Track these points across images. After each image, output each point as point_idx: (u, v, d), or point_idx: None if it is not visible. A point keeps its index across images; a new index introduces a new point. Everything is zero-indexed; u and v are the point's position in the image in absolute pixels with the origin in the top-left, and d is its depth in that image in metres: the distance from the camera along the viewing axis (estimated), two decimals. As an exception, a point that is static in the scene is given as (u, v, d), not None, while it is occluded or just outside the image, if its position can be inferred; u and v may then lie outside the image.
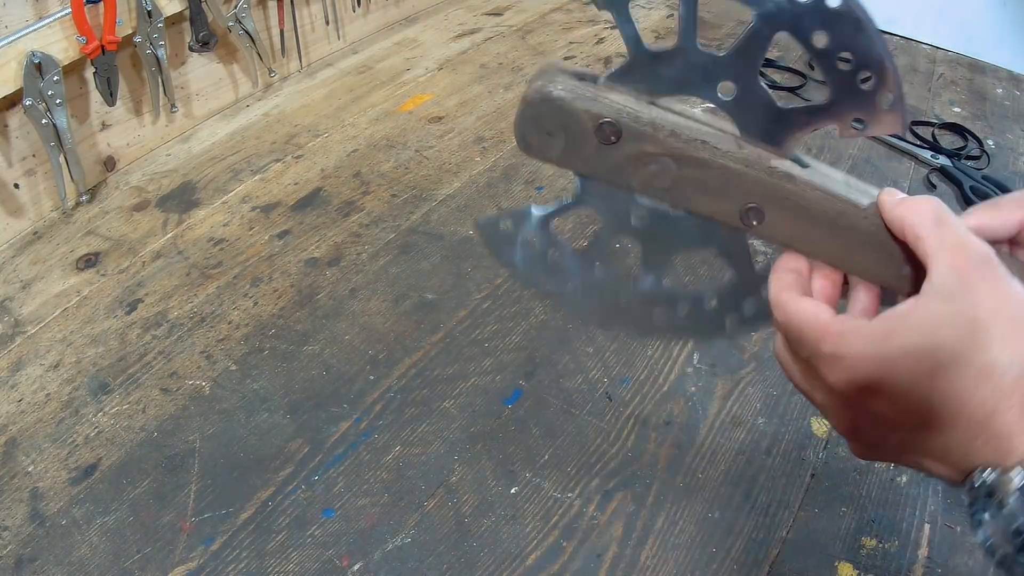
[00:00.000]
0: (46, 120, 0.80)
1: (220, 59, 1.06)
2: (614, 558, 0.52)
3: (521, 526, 0.54)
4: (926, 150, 0.97)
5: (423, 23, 1.40)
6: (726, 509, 0.55)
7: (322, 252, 0.82)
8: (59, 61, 0.80)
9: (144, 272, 0.80)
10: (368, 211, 0.89)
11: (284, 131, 1.05)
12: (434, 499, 0.56)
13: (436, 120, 1.07)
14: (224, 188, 0.93)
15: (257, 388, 0.66)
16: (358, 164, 0.97)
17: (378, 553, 0.53)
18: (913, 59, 1.28)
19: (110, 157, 0.95)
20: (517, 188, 0.92)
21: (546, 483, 0.57)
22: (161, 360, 0.69)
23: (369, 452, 0.60)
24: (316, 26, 1.21)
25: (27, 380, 0.67)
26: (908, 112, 1.09)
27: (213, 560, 0.52)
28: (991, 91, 1.18)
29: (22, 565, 0.52)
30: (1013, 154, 1.01)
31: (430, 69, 1.22)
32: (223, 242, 0.84)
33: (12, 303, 0.76)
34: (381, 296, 0.76)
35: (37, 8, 0.79)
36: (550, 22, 1.41)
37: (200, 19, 0.97)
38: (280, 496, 0.57)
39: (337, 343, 0.70)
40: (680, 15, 0.36)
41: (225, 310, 0.74)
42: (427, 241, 0.84)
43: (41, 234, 0.86)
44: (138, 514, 0.55)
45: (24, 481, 0.58)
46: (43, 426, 0.63)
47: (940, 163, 0.93)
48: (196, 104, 1.05)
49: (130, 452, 0.60)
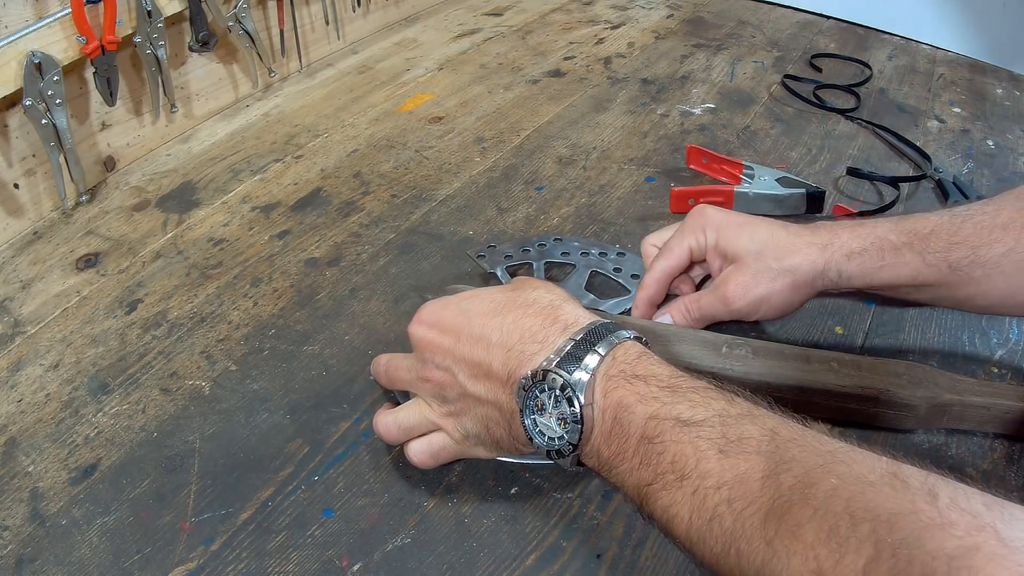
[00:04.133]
0: (46, 120, 0.80)
1: (220, 59, 1.06)
2: (614, 558, 0.52)
3: (521, 526, 0.54)
4: (928, 160, 0.96)
5: (423, 23, 1.40)
6: (726, 509, 0.55)
7: (322, 252, 0.82)
8: (59, 61, 0.80)
9: (144, 272, 0.80)
10: (368, 211, 0.89)
11: (284, 131, 1.05)
12: (434, 499, 0.56)
13: (436, 120, 1.07)
14: (224, 188, 0.93)
15: (257, 388, 0.66)
16: (358, 164, 0.97)
17: (378, 553, 0.53)
18: (913, 59, 1.28)
19: (110, 157, 0.95)
20: (517, 188, 0.92)
21: (546, 483, 0.57)
22: (161, 360, 0.69)
23: (369, 452, 0.60)
24: (316, 26, 1.21)
25: (27, 380, 0.67)
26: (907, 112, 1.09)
27: (213, 560, 0.52)
28: (991, 91, 1.19)
29: (22, 565, 0.52)
30: (1013, 154, 1.01)
31: (430, 69, 1.22)
32: (223, 242, 0.84)
33: (12, 303, 0.76)
34: (381, 296, 0.76)
35: (37, 8, 0.79)
36: (550, 22, 1.41)
37: (200, 19, 0.97)
38: (280, 496, 0.57)
39: (337, 343, 0.70)
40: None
41: (225, 310, 0.75)
42: (427, 241, 0.84)
43: (41, 234, 0.86)
44: (138, 514, 0.55)
45: (24, 481, 0.58)
46: (43, 426, 0.63)
47: (940, 175, 0.93)
48: (196, 104, 1.05)
49: (130, 452, 0.60)
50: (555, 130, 1.05)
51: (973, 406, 0.58)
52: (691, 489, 0.39)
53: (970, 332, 0.71)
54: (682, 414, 0.41)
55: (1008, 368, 0.67)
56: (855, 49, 1.31)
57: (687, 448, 0.40)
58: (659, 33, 1.36)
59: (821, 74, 1.21)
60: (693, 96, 1.14)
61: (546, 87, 1.17)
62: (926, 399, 0.58)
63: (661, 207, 0.89)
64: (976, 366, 0.67)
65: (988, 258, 0.57)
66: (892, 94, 1.16)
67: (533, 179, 0.94)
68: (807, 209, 0.86)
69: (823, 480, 0.34)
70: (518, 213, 0.88)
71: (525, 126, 1.05)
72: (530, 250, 0.77)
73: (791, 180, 0.87)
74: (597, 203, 0.89)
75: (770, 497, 0.35)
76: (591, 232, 0.84)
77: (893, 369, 0.59)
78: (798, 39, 1.34)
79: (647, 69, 1.22)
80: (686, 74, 1.21)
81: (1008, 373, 0.66)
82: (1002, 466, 0.58)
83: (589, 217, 0.87)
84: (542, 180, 0.94)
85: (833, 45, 1.32)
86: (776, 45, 1.32)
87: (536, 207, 0.89)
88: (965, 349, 0.69)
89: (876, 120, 1.06)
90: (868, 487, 0.33)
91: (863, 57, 1.26)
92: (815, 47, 1.31)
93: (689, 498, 0.39)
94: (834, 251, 0.60)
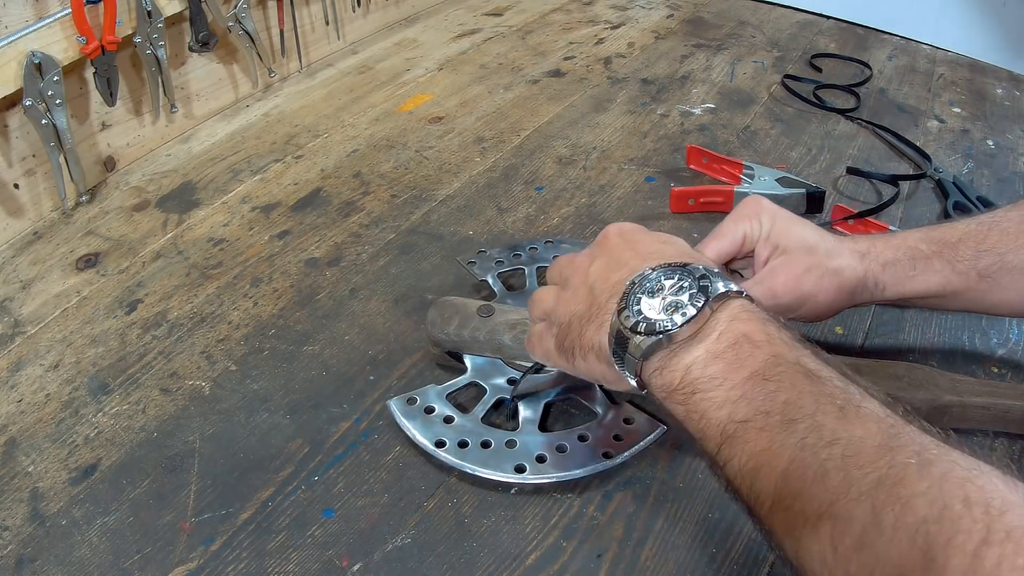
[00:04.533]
0: (46, 120, 0.80)
1: (220, 59, 1.06)
2: (614, 558, 0.52)
3: (521, 526, 0.54)
4: (928, 161, 0.96)
5: (423, 23, 1.40)
6: (726, 509, 0.55)
7: (322, 252, 0.82)
8: (59, 61, 0.80)
9: (144, 272, 0.80)
10: (368, 211, 0.89)
11: (284, 131, 1.05)
12: (434, 499, 0.56)
13: (436, 120, 1.07)
14: (224, 188, 0.93)
15: (257, 388, 0.66)
16: (358, 164, 0.97)
17: (378, 553, 0.53)
18: (913, 59, 1.28)
19: (110, 157, 0.95)
20: (517, 188, 0.92)
21: (546, 483, 0.57)
22: (161, 360, 0.69)
23: (369, 452, 0.60)
24: (316, 26, 1.21)
25: (27, 380, 0.67)
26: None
27: (213, 560, 0.52)
28: (991, 91, 1.18)
29: (22, 565, 0.52)
30: (1013, 154, 1.01)
31: (430, 69, 1.22)
32: (223, 242, 0.84)
33: (12, 303, 0.76)
34: (381, 296, 0.76)
35: (37, 8, 0.79)
36: (550, 22, 1.41)
37: (200, 19, 0.97)
38: (280, 496, 0.57)
39: (337, 343, 0.70)
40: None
41: (225, 310, 0.74)
42: (427, 241, 0.84)
43: (41, 234, 0.86)
44: (138, 514, 0.55)
45: (24, 481, 0.58)
46: (43, 426, 0.63)
47: (940, 175, 0.93)
48: (196, 104, 1.05)
49: (130, 452, 0.60)
50: (555, 130, 1.05)
51: (973, 406, 0.58)
52: (798, 436, 0.37)
53: (970, 332, 0.71)
54: (808, 364, 0.40)
55: (1008, 367, 0.67)
56: (855, 49, 1.31)
57: (806, 397, 0.38)
58: (659, 33, 1.36)
59: (821, 74, 1.21)
60: (693, 96, 1.14)
61: (546, 87, 1.17)
62: (927, 401, 0.58)
63: (661, 207, 0.89)
64: (976, 366, 0.67)
65: (1015, 264, 0.57)
66: (892, 94, 1.16)
67: (533, 179, 0.94)
68: (807, 209, 0.86)
69: (938, 460, 0.33)
70: (518, 213, 0.88)
71: (525, 126, 1.05)
72: (521, 255, 0.77)
73: (791, 180, 0.87)
74: (597, 203, 0.89)
75: (886, 464, 0.34)
76: (591, 232, 0.84)
77: (893, 372, 0.59)
78: (798, 39, 1.34)
79: (647, 69, 1.22)
80: (686, 74, 1.21)
81: (1008, 373, 0.66)
82: (1003, 465, 0.58)
83: (589, 217, 0.87)
84: (542, 180, 0.94)
85: (833, 45, 1.32)
86: (776, 45, 1.32)
87: (536, 207, 0.89)
88: (965, 349, 0.69)
89: (876, 120, 1.06)
90: (981, 474, 0.32)
91: (863, 57, 1.26)
92: (815, 47, 1.31)
93: (792, 445, 0.37)
94: (871, 261, 0.59)
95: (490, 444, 0.58)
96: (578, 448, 0.58)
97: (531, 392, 0.62)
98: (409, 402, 0.61)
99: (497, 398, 0.62)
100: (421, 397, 0.62)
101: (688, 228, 0.85)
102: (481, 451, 0.58)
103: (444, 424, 0.60)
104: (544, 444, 0.58)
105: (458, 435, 0.59)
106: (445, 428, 0.59)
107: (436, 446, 0.58)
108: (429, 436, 0.59)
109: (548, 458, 0.57)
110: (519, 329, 0.63)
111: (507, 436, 0.59)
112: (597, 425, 0.59)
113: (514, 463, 0.57)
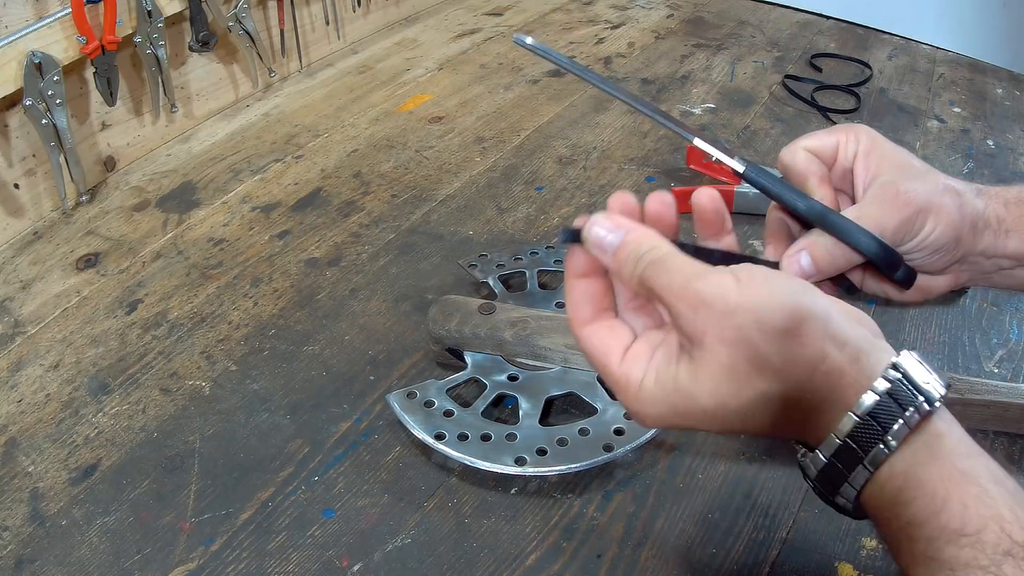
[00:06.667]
0: (46, 120, 0.80)
1: (220, 59, 1.06)
2: (614, 558, 0.52)
3: (521, 526, 0.54)
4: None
5: (423, 23, 1.40)
6: (726, 509, 0.55)
7: (322, 252, 0.82)
8: (59, 61, 0.80)
9: (144, 272, 0.80)
10: (368, 211, 0.89)
11: (284, 131, 1.05)
12: (434, 499, 0.56)
13: (436, 120, 1.07)
14: (224, 188, 0.93)
15: (257, 388, 0.66)
16: (358, 164, 0.97)
17: (378, 553, 0.53)
18: (913, 59, 1.28)
19: (110, 157, 0.95)
20: (517, 188, 0.92)
21: (546, 483, 0.57)
22: (161, 360, 0.69)
23: (369, 452, 0.60)
24: (316, 26, 1.21)
25: (27, 380, 0.67)
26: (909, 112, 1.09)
27: (213, 560, 0.52)
28: (991, 91, 1.18)
29: (22, 565, 0.52)
30: (1013, 154, 1.01)
31: (430, 69, 1.22)
32: (223, 242, 0.84)
33: (12, 303, 0.76)
34: (381, 296, 0.76)
35: (37, 8, 0.79)
36: (550, 22, 1.41)
37: (200, 19, 0.97)
38: (280, 496, 0.57)
39: (337, 343, 0.70)
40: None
41: (225, 310, 0.74)
42: (427, 241, 0.84)
43: (41, 234, 0.86)
44: (138, 514, 0.55)
45: (24, 481, 0.58)
46: (43, 426, 0.63)
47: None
48: (196, 104, 1.05)
49: (130, 452, 0.60)
50: (555, 130, 1.04)
51: (973, 405, 0.58)
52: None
53: (970, 332, 0.71)
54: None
55: (1008, 367, 0.67)
56: (855, 49, 1.31)
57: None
58: (659, 33, 1.36)
59: (821, 74, 1.21)
60: (693, 96, 1.14)
61: (546, 87, 1.17)
62: None
63: (661, 207, 0.89)
64: (976, 365, 0.67)
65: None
66: (892, 94, 1.16)
67: (533, 179, 0.94)
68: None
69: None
70: (518, 213, 0.88)
71: (525, 126, 1.05)
72: (522, 258, 0.77)
73: (791, 180, 0.87)
74: (597, 203, 0.89)
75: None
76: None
77: None
78: (798, 39, 1.34)
79: (647, 69, 1.22)
80: (686, 74, 1.21)
81: (1008, 372, 0.66)
82: (1002, 464, 0.58)
83: (589, 217, 0.87)
84: (542, 180, 0.94)
85: (833, 45, 1.32)
86: (776, 45, 1.32)
87: (536, 207, 0.89)
88: (965, 348, 0.69)
89: (876, 120, 1.06)
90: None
91: (863, 57, 1.26)
92: (815, 47, 1.31)
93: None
94: (990, 197, 0.49)
95: (490, 437, 0.58)
96: (579, 441, 0.57)
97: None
98: (409, 396, 0.61)
99: (497, 393, 0.62)
100: (421, 392, 0.62)
101: (688, 228, 0.85)
102: (481, 444, 0.57)
103: (444, 418, 0.60)
104: (545, 437, 0.58)
105: (458, 428, 0.58)
106: (445, 422, 0.59)
107: (435, 439, 0.58)
108: (428, 430, 0.58)
109: (549, 451, 0.57)
110: (519, 326, 0.63)
111: (507, 429, 0.58)
112: (598, 420, 0.59)
113: (514, 456, 0.56)
